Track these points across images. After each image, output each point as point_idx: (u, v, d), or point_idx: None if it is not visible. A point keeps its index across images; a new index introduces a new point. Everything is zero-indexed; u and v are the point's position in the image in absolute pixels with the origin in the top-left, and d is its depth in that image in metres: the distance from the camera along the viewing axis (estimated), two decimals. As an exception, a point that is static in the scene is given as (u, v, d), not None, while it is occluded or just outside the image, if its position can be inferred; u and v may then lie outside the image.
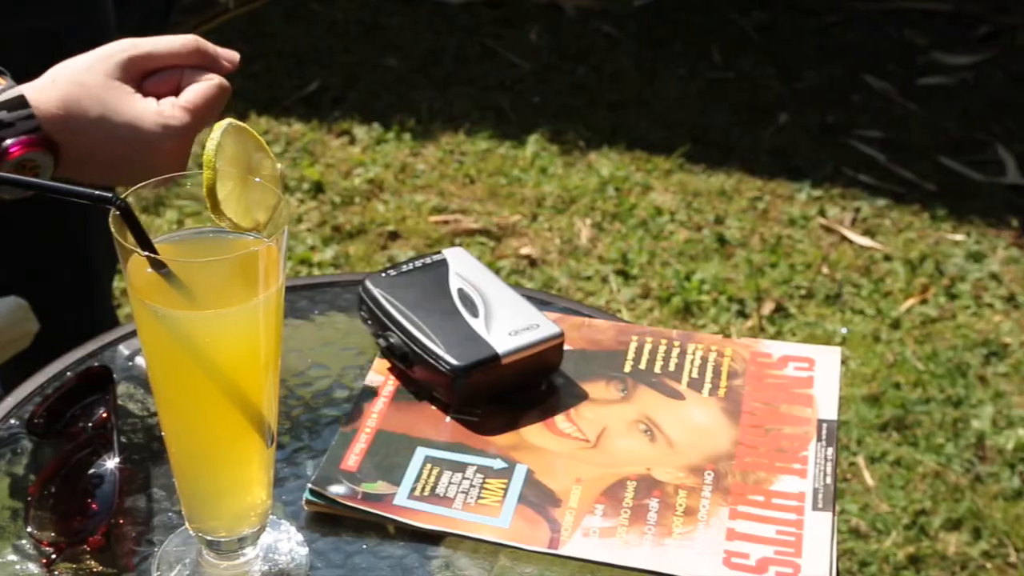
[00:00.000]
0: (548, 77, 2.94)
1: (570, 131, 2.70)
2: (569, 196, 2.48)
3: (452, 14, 3.19)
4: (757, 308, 2.19)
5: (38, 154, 0.92)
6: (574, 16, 3.24)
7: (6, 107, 0.91)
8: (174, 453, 0.80)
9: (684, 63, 3.03)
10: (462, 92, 2.84)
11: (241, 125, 0.78)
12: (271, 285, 0.74)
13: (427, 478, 0.92)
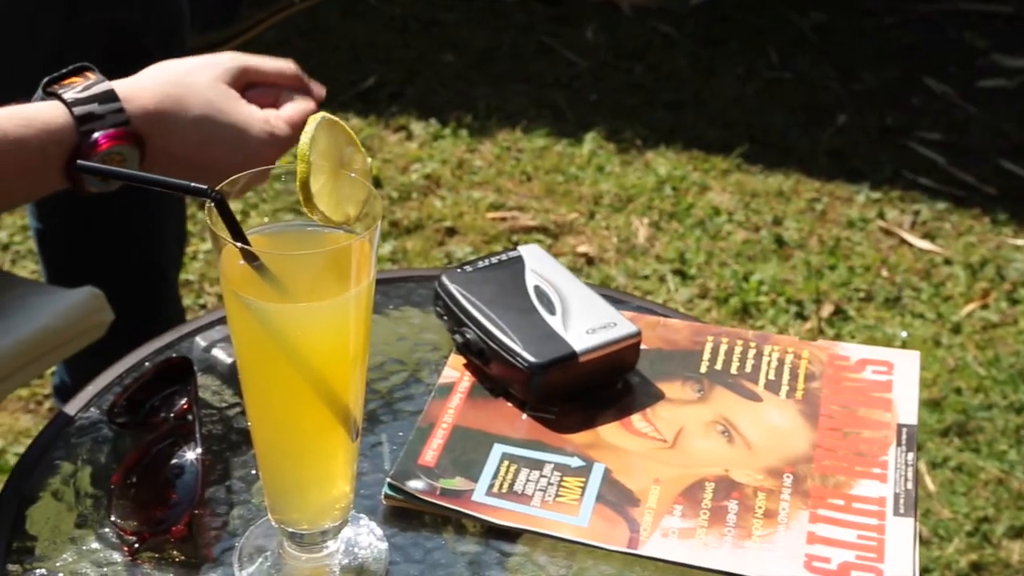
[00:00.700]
0: (605, 75, 2.93)
1: (627, 129, 2.69)
2: (626, 195, 2.47)
3: (508, 11, 3.18)
4: (816, 310, 2.18)
5: (125, 147, 0.93)
6: (630, 14, 3.23)
7: (97, 100, 0.92)
8: (260, 444, 0.81)
9: (741, 63, 3.01)
10: (519, 89, 2.84)
11: (333, 119, 0.78)
12: (363, 280, 0.74)
13: (505, 475, 0.92)
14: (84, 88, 0.92)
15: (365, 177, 0.78)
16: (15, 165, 0.89)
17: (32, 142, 0.89)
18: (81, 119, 0.91)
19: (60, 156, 0.92)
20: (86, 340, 1.17)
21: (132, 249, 1.43)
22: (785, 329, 2.12)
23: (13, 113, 0.89)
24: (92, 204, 1.14)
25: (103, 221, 1.39)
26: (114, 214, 1.38)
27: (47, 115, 0.91)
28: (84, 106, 0.92)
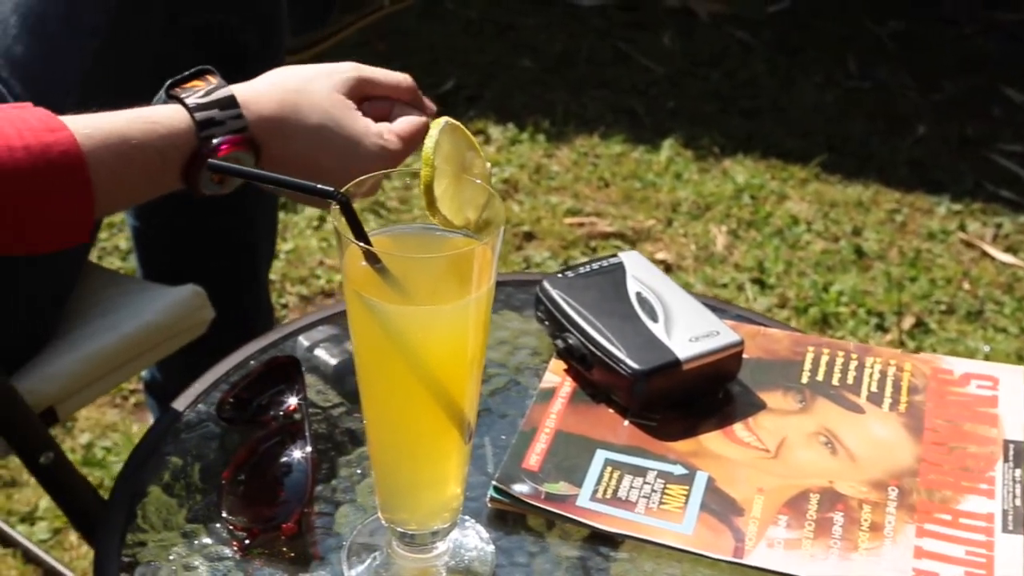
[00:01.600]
0: (681, 82, 2.93)
1: (704, 137, 2.68)
2: (704, 202, 2.46)
3: (585, 16, 3.19)
4: (897, 322, 2.16)
5: (243, 153, 0.95)
6: (707, 21, 3.22)
7: (218, 106, 0.94)
8: (374, 444, 0.82)
9: (819, 71, 3.00)
10: (596, 95, 2.84)
11: (456, 124, 0.79)
12: (483, 285, 0.75)
13: (608, 481, 0.92)
14: (205, 93, 0.94)
15: (485, 181, 0.78)
16: (136, 168, 0.91)
17: (154, 146, 0.91)
18: (202, 124, 0.93)
19: (179, 159, 0.93)
20: (187, 337, 1.19)
21: (227, 247, 1.45)
22: (865, 341, 2.11)
23: (136, 117, 0.91)
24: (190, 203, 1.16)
25: (200, 220, 1.40)
26: (211, 213, 1.40)
27: (169, 120, 0.92)
28: (205, 112, 0.93)
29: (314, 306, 2.15)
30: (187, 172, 0.94)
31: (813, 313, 2.17)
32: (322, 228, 2.32)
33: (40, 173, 0.85)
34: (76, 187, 0.87)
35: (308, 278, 2.19)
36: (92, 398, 1.15)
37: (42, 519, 1.66)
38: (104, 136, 0.89)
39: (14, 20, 1.04)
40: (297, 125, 0.97)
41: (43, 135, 0.86)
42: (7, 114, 0.88)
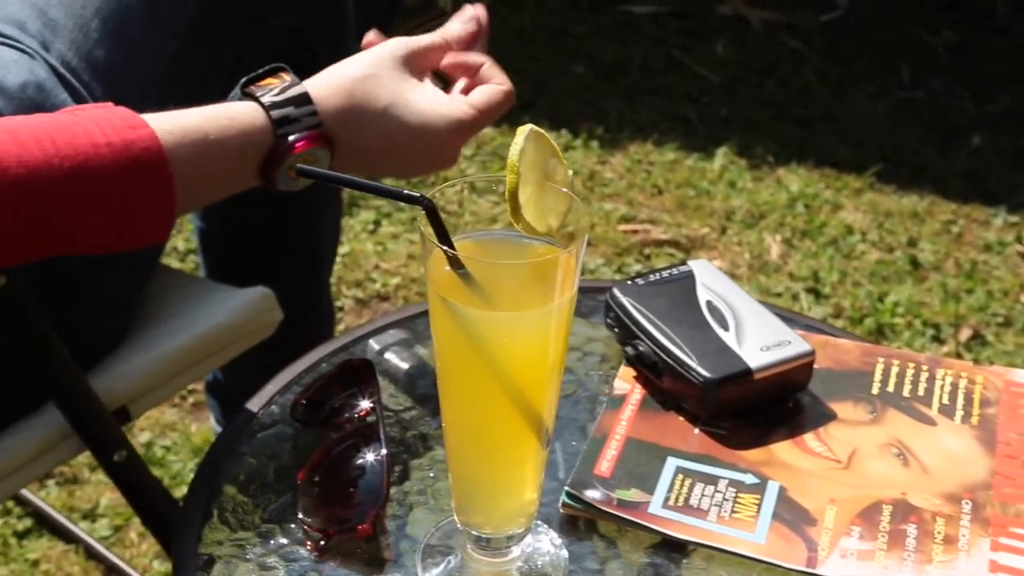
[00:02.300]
0: (735, 90, 2.92)
1: (758, 145, 2.68)
2: (758, 211, 2.46)
3: (638, 23, 3.19)
4: (954, 334, 2.14)
5: (318, 149, 0.96)
6: (760, 29, 3.21)
7: (293, 103, 0.95)
8: (453, 447, 0.82)
9: (872, 80, 2.98)
10: (649, 102, 2.84)
11: (540, 131, 0.79)
12: (566, 292, 0.75)
13: (679, 488, 0.93)
14: (280, 91, 0.95)
15: (567, 189, 0.79)
16: (214, 165, 0.92)
17: (231, 144, 0.92)
18: (278, 122, 0.94)
19: (256, 157, 0.94)
20: (256, 338, 1.20)
21: (291, 248, 1.46)
22: (921, 352, 2.09)
23: (214, 115, 0.92)
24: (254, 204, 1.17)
25: (265, 220, 1.42)
26: (277, 214, 1.41)
27: (246, 118, 0.93)
28: (280, 109, 0.94)
29: (369, 309, 2.16)
30: (264, 169, 0.95)
31: (868, 323, 2.16)
32: (377, 232, 2.34)
33: (123, 170, 0.87)
34: (158, 184, 0.88)
35: (364, 281, 2.20)
36: (163, 398, 1.16)
37: (103, 516, 1.68)
38: (184, 133, 0.90)
39: (95, 24, 1.05)
40: (367, 111, 0.97)
41: (125, 132, 0.87)
42: (90, 113, 0.89)
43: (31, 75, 1.02)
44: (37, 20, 1.04)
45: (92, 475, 1.74)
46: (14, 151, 0.83)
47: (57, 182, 0.84)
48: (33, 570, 1.60)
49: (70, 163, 0.85)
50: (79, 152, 0.85)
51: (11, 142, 0.83)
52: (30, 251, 0.87)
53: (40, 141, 0.84)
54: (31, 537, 1.64)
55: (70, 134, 0.86)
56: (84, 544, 1.61)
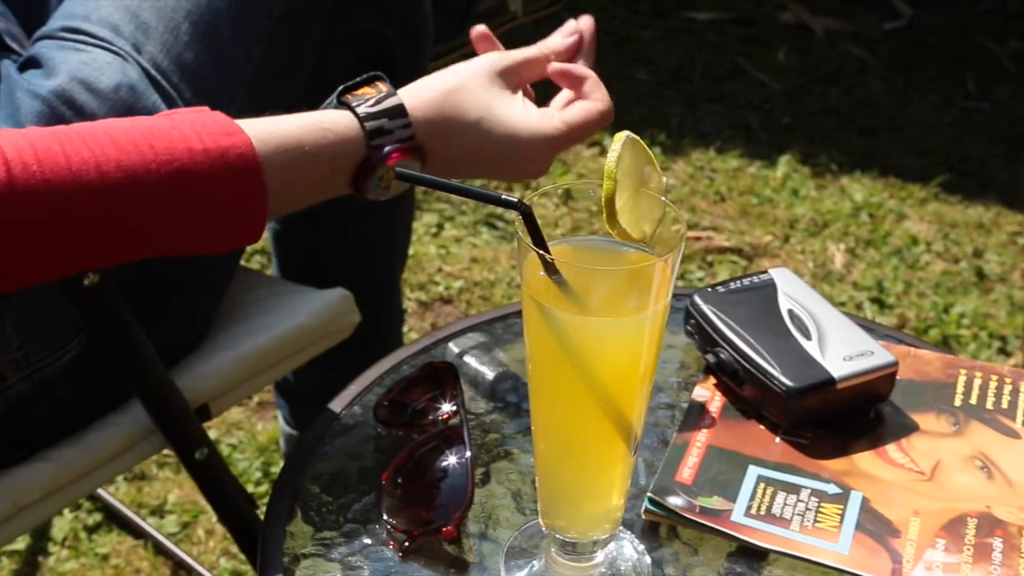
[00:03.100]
0: (797, 98, 2.91)
1: (822, 154, 2.66)
2: (822, 219, 2.45)
3: (700, 30, 3.18)
4: (1021, 346, 2.12)
5: (409, 161, 0.97)
6: (823, 37, 3.19)
7: (387, 115, 0.95)
8: (541, 450, 0.83)
9: (937, 90, 2.96)
10: (711, 109, 2.84)
11: (636, 138, 0.80)
12: (661, 299, 0.75)
13: (762, 497, 0.93)
14: (376, 101, 0.96)
15: (661, 196, 0.79)
16: (308, 173, 0.93)
17: (325, 153, 0.93)
18: (371, 133, 0.95)
19: (348, 167, 0.95)
20: (335, 340, 1.21)
21: (364, 251, 1.47)
22: (987, 364, 2.07)
23: (309, 124, 0.93)
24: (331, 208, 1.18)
25: (339, 223, 1.43)
26: (350, 217, 1.42)
27: (340, 127, 0.94)
28: (375, 121, 0.95)
29: (432, 312, 2.17)
30: (355, 179, 0.96)
31: (933, 335, 2.14)
32: (440, 235, 2.35)
33: (218, 176, 0.88)
34: (252, 190, 0.89)
35: (427, 284, 2.21)
36: (242, 397, 1.17)
37: (171, 512, 1.70)
38: (279, 141, 0.91)
39: (186, 27, 1.07)
40: (458, 124, 0.98)
41: (221, 139, 0.88)
42: (186, 117, 0.90)
43: (124, 77, 1.03)
44: (130, 23, 1.06)
45: (160, 472, 1.76)
46: (114, 155, 0.84)
47: (154, 186, 0.86)
48: (103, 564, 1.62)
49: (167, 168, 0.86)
50: (176, 157, 0.86)
51: (111, 146, 0.85)
52: (125, 253, 0.89)
53: (139, 146, 0.86)
54: (100, 532, 1.66)
55: (168, 139, 0.87)
56: (152, 540, 1.63)
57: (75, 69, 1.03)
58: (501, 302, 2.19)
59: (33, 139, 0.83)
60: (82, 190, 0.83)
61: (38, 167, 0.81)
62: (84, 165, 0.83)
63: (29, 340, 1.01)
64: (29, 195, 0.81)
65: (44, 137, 0.84)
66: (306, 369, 1.47)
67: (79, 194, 0.83)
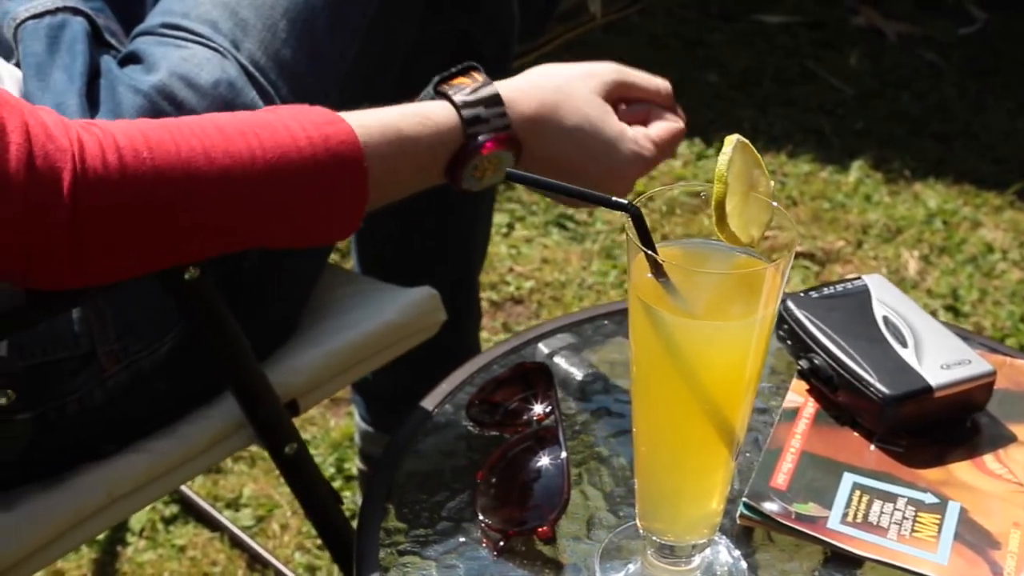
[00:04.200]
0: (870, 103, 2.88)
1: (895, 159, 2.64)
2: (895, 225, 2.42)
3: (771, 33, 3.16)
4: (1100, 358, 2.09)
5: (504, 152, 0.97)
6: (895, 41, 3.16)
7: (484, 104, 0.96)
8: (642, 453, 0.82)
9: (1012, 96, 2.92)
10: (782, 112, 2.82)
11: (745, 142, 0.79)
12: (770, 305, 0.75)
13: (858, 504, 0.92)
14: (472, 90, 0.96)
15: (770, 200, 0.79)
16: (408, 162, 0.94)
17: (424, 142, 0.94)
18: (468, 121, 0.95)
19: (445, 155, 0.96)
20: (421, 338, 1.21)
21: (446, 250, 1.48)
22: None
23: (408, 112, 0.94)
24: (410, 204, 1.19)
25: (420, 220, 1.43)
26: (432, 213, 1.43)
27: (438, 116, 0.95)
28: (472, 109, 0.95)
29: (503, 312, 2.17)
30: (451, 168, 0.97)
31: (1010, 344, 2.11)
32: (511, 235, 2.35)
33: (321, 163, 0.89)
34: (353, 178, 0.90)
35: (498, 284, 2.21)
36: (329, 393, 1.18)
37: (246, 506, 1.71)
38: (380, 130, 0.92)
39: (283, 24, 1.08)
40: (555, 126, 0.98)
41: (324, 127, 0.89)
42: (289, 110, 0.91)
43: (223, 73, 1.05)
44: (229, 20, 1.07)
45: (235, 465, 1.78)
46: (221, 144, 0.86)
47: (259, 173, 0.87)
48: (180, 556, 1.63)
49: (272, 155, 0.87)
50: (280, 145, 0.87)
51: (218, 135, 0.86)
52: (230, 243, 0.90)
53: (245, 135, 0.87)
54: (177, 523, 1.68)
55: (271, 128, 0.88)
56: (228, 533, 1.64)
57: (175, 65, 1.04)
58: (572, 303, 2.19)
59: (144, 128, 0.84)
60: (191, 178, 0.84)
61: (149, 155, 0.83)
62: (193, 153, 0.84)
63: (127, 332, 1.02)
64: (141, 182, 0.82)
65: (155, 127, 0.85)
66: (383, 366, 1.48)
67: (188, 182, 0.84)
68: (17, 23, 1.07)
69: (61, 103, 1.02)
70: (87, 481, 1.02)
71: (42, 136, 0.81)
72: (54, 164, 0.80)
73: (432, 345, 1.30)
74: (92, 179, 0.81)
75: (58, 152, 0.81)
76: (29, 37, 1.06)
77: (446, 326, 1.36)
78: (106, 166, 0.81)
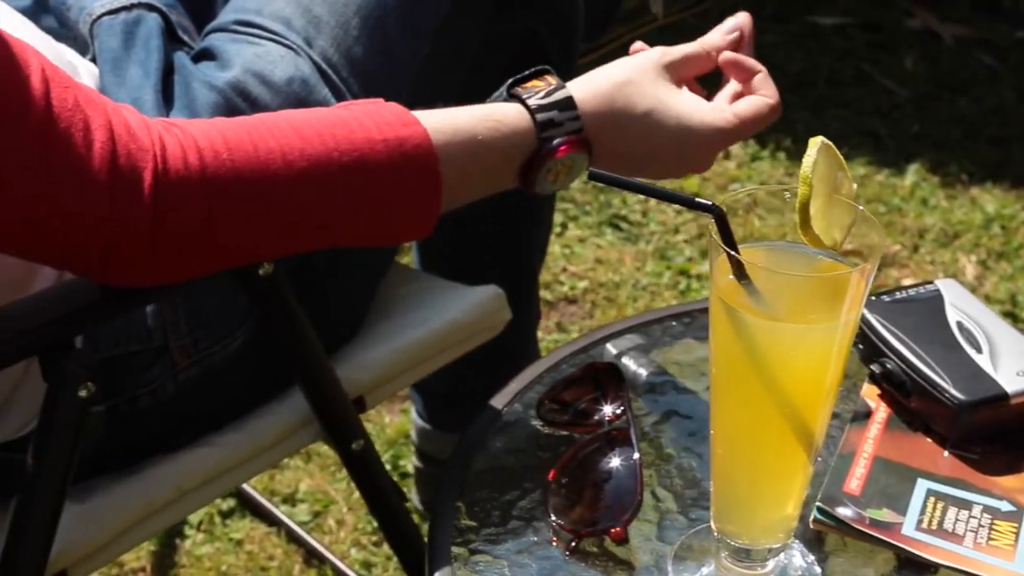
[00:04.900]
0: (926, 106, 2.85)
1: (952, 163, 2.61)
2: (952, 230, 2.40)
3: (825, 35, 3.14)
4: None
5: (578, 154, 0.97)
6: (952, 44, 3.13)
7: (558, 107, 0.96)
8: (719, 455, 0.82)
9: (1070, 100, 2.89)
10: (836, 115, 2.80)
11: (829, 144, 0.79)
12: (854, 309, 0.74)
13: (932, 511, 0.91)
14: (546, 94, 0.96)
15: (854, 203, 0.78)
16: (480, 166, 0.94)
17: (498, 145, 0.94)
18: (542, 125, 0.95)
19: (518, 159, 0.96)
20: (485, 337, 1.21)
21: (508, 251, 1.48)
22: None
23: (481, 115, 0.94)
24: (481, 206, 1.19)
25: (482, 218, 1.43)
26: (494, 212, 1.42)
27: (512, 119, 0.95)
28: (545, 113, 0.95)
29: (556, 312, 2.17)
30: (524, 171, 0.97)
31: (1069, 352, 2.09)
32: (564, 234, 2.35)
33: (396, 166, 0.89)
34: (427, 181, 0.90)
35: (551, 284, 2.21)
36: (394, 391, 1.19)
37: (303, 501, 1.72)
38: (454, 132, 0.92)
39: (356, 22, 1.08)
40: (628, 116, 0.98)
41: (399, 128, 0.89)
42: (364, 108, 0.91)
43: (296, 70, 1.05)
44: (302, 17, 1.07)
45: (291, 461, 1.79)
46: (298, 145, 0.86)
47: (335, 175, 0.87)
48: (237, 549, 1.64)
49: (348, 158, 0.87)
50: (356, 147, 0.88)
51: (295, 136, 0.86)
52: (304, 242, 0.90)
53: (321, 135, 0.87)
54: (234, 517, 1.69)
55: (348, 129, 0.88)
56: (285, 528, 1.65)
57: (249, 62, 1.05)
58: (626, 304, 2.18)
59: (223, 128, 0.85)
60: (268, 178, 0.85)
61: (228, 155, 0.83)
62: (271, 154, 0.85)
63: (198, 327, 1.03)
64: (220, 182, 0.83)
65: (233, 127, 0.85)
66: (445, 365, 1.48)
67: (265, 182, 0.85)
68: (93, 19, 1.08)
69: (137, 99, 1.03)
70: (157, 474, 1.03)
71: (125, 135, 0.81)
72: (136, 163, 0.81)
73: (490, 343, 1.30)
74: (173, 179, 0.81)
75: (140, 152, 0.81)
76: (105, 33, 1.07)
77: (507, 326, 1.36)
78: (187, 167, 0.82)
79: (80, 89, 0.82)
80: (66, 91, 0.80)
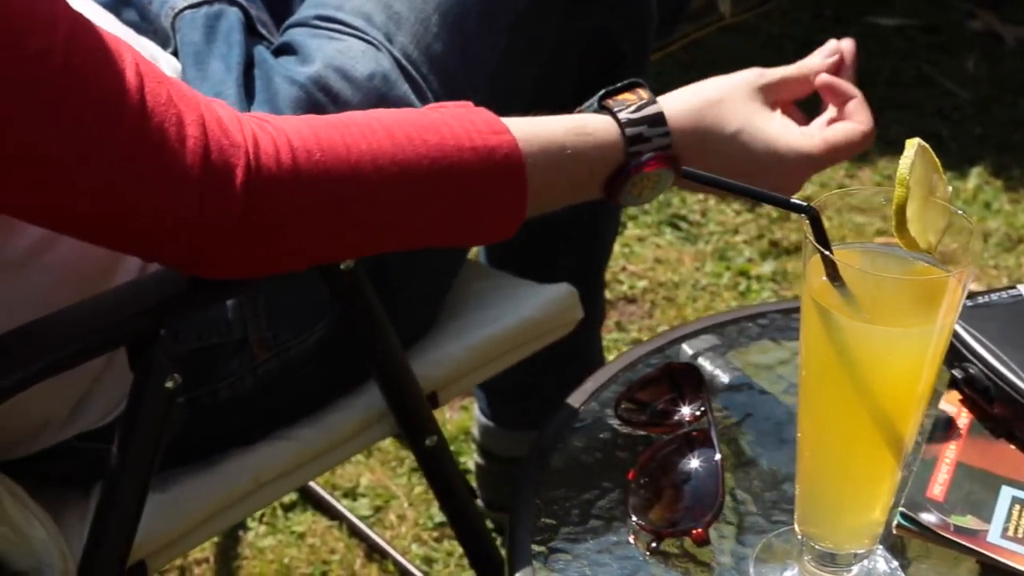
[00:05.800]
0: (988, 108, 2.83)
1: (1015, 167, 2.58)
2: (1016, 235, 2.38)
3: (885, 36, 3.11)
4: None
5: (664, 171, 0.97)
6: (1014, 46, 3.10)
7: (648, 122, 0.96)
8: (806, 457, 0.82)
9: None
10: (897, 117, 2.77)
11: (925, 146, 0.78)
12: (950, 314, 0.74)
13: (1018, 519, 0.90)
14: (637, 108, 0.96)
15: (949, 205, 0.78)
16: (566, 176, 0.94)
17: (585, 156, 0.94)
18: (631, 140, 0.95)
19: (605, 172, 0.96)
20: (557, 335, 1.21)
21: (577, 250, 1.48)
22: None
23: (571, 127, 0.94)
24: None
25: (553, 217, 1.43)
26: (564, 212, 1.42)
27: (601, 132, 0.95)
28: (635, 127, 0.95)
29: (616, 311, 2.16)
30: (609, 184, 0.97)
31: None
32: (623, 234, 2.34)
33: (484, 174, 0.89)
34: (513, 191, 0.91)
35: (611, 283, 2.21)
36: (467, 387, 1.19)
37: (363, 496, 1.73)
38: (542, 143, 0.92)
39: (435, 18, 1.08)
40: (716, 136, 0.98)
41: (489, 137, 0.90)
42: (454, 113, 0.91)
43: (377, 66, 1.05)
44: (382, 13, 1.08)
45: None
46: (389, 149, 0.86)
47: (424, 181, 0.87)
48: (299, 543, 1.65)
49: (437, 164, 0.88)
50: (447, 155, 0.88)
51: (387, 139, 0.86)
52: (388, 243, 0.91)
53: (412, 140, 0.87)
54: (296, 511, 1.70)
55: (439, 135, 0.88)
56: (347, 522, 1.65)
57: (330, 57, 1.05)
58: (686, 304, 2.17)
59: (316, 128, 0.85)
60: (358, 180, 0.85)
61: (320, 156, 0.83)
62: (362, 157, 0.85)
63: (277, 322, 1.04)
64: (311, 182, 0.83)
65: (324, 126, 0.86)
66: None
67: (355, 184, 0.85)
68: (176, 12, 1.09)
69: (219, 92, 1.03)
70: (235, 466, 1.04)
71: (217, 131, 0.82)
72: (228, 160, 0.81)
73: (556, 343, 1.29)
74: (265, 177, 0.82)
75: (232, 148, 0.81)
76: (187, 26, 1.08)
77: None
78: (279, 165, 0.82)
79: (173, 84, 0.82)
80: (159, 86, 0.81)
